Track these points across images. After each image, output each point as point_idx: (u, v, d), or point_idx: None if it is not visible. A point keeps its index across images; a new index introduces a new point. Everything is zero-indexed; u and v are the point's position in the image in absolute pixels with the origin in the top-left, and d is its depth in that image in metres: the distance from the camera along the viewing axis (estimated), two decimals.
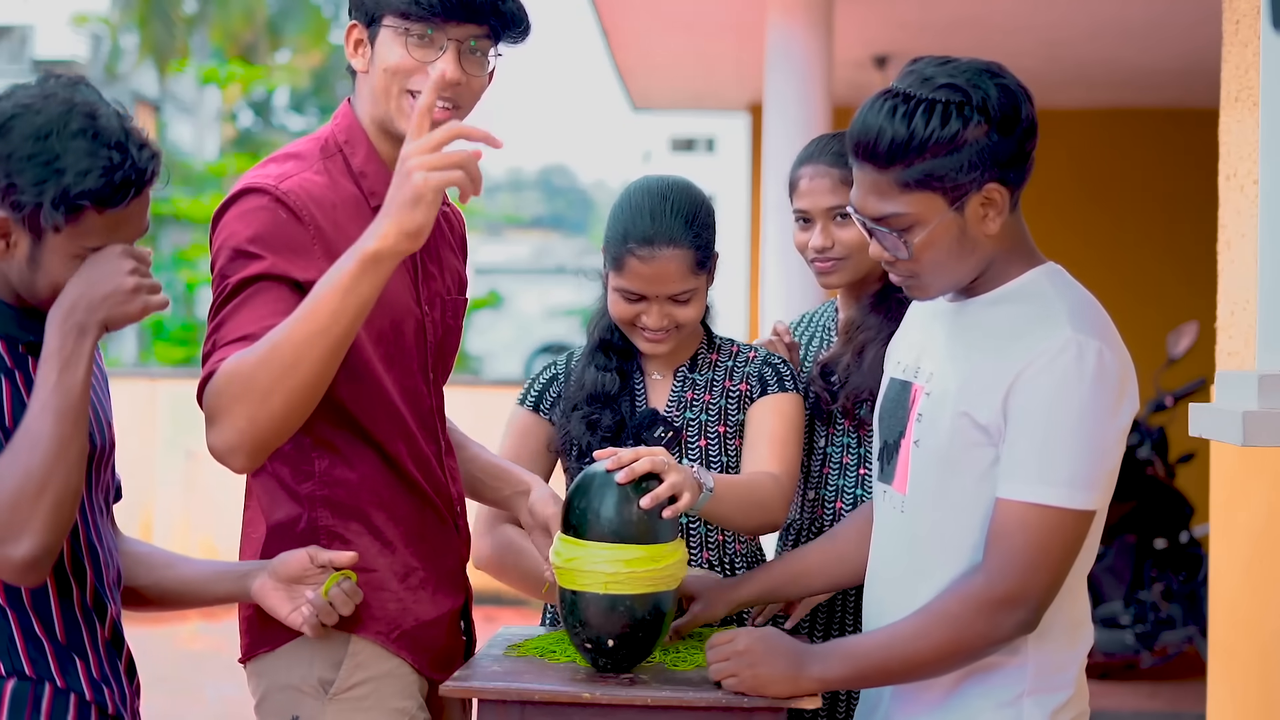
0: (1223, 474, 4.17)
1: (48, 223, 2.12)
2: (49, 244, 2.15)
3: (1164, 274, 9.97)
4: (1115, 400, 2.26)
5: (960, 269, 2.33)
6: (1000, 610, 2.24)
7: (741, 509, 2.72)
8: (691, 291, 2.85)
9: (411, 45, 2.48)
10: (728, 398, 2.93)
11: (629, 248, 2.81)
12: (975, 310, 2.38)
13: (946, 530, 2.34)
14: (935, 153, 2.24)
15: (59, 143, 2.11)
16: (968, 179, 2.25)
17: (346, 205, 2.51)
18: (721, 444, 2.91)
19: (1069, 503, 2.22)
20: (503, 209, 52.92)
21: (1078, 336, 2.25)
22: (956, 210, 2.27)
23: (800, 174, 3.08)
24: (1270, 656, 3.77)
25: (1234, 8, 3.73)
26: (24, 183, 2.10)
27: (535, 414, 2.99)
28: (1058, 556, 2.24)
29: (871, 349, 3.00)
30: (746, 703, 2.35)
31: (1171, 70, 9.02)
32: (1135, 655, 7.14)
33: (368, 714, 2.51)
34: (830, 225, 3.03)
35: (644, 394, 2.95)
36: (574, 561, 2.45)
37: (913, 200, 2.27)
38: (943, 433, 2.33)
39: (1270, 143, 3.37)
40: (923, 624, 2.28)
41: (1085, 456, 2.23)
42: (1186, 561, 7.22)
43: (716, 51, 9.20)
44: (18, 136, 2.11)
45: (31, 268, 2.16)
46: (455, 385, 2.89)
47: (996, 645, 2.27)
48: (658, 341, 2.88)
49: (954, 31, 8.20)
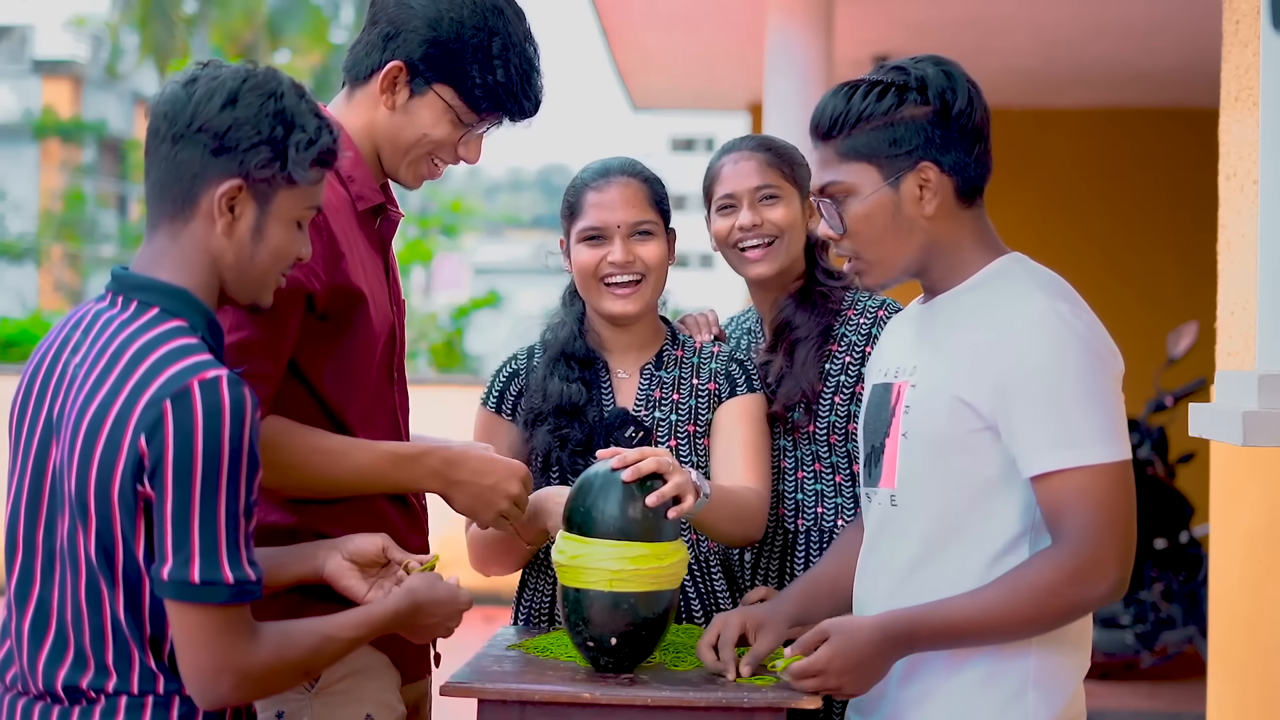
0: (1223, 474, 4.17)
1: (298, 176, 2.14)
2: (276, 209, 2.16)
3: (1164, 274, 9.96)
4: (1106, 353, 2.33)
5: (898, 250, 2.41)
6: (1092, 575, 2.27)
7: (730, 519, 2.75)
8: (651, 225, 2.88)
9: (455, 125, 2.57)
10: (697, 397, 2.93)
11: (583, 185, 2.91)
12: (946, 302, 2.44)
13: (941, 513, 2.37)
14: (871, 125, 2.37)
15: (290, 102, 2.15)
16: (902, 154, 2.37)
17: (340, 211, 2.54)
18: (691, 443, 2.91)
19: (1111, 457, 2.28)
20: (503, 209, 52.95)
21: (1053, 303, 2.32)
22: (891, 185, 2.38)
23: (722, 162, 3.06)
24: (1270, 656, 3.77)
25: (1234, 8, 3.73)
26: (268, 140, 2.12)
27: (498, 415, 2.97)
28: (1124, 511, 2.29)
29: (803, 348, 2.98)
30: (747, 702, 2.35)
31: (1172, 70, 9.02)
32: (1135, 655, 7.14)
33: (353, 707, 2.52)
34: (757, 204, 3.00)
35: (611, 394, 2.94)
36: (578, 559, 2.46)
37: (850, 170, 2.40)
38: (933, 419, 2.36)
39: (1270, 143, 3.37)
40: (1013, 597, 2.29)
41: (1102, 410, 2.29)
42: (1186, 561, 7.22)
43: (716, 51, 9.20)
44: (254, 98, 2.12)
45: (255, 239, 2.15)
46: (455, 385, 2.92)
47: (1090, 610, 2.32)
48: (626, 295, 2.87)
49: (954, 31, 8.20)
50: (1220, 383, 3.51)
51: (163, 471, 1.98)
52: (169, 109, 2.13)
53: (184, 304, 2.11)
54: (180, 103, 2.12)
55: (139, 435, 1.99)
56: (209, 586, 2.00)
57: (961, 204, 2.41)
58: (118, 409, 2.01)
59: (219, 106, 2.11)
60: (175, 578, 2.00)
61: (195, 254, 2.14)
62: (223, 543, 2.00)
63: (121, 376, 2.03)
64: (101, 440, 2.02)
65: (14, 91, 30.00)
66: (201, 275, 2.15)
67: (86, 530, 2.05)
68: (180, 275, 2.13)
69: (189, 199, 2.13)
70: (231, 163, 2.11)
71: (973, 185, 2.41)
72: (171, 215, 2.14)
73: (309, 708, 2.51)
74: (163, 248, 2.14)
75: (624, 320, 2.91)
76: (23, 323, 14.30)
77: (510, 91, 2.56)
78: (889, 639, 2.31)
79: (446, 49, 2.53)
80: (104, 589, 2.06)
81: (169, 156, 2.13)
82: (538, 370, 2.95)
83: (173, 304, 2.11)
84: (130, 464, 2.00)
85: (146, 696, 2.08)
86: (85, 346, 2.10)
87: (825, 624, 2.34)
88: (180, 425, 1.98)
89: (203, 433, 1.98)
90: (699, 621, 2.88)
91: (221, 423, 1.99)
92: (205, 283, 2.15)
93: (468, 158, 2.62)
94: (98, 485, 2.02)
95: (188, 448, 1.98)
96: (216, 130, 2.11)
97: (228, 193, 2.12)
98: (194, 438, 1.98)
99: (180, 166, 2.12)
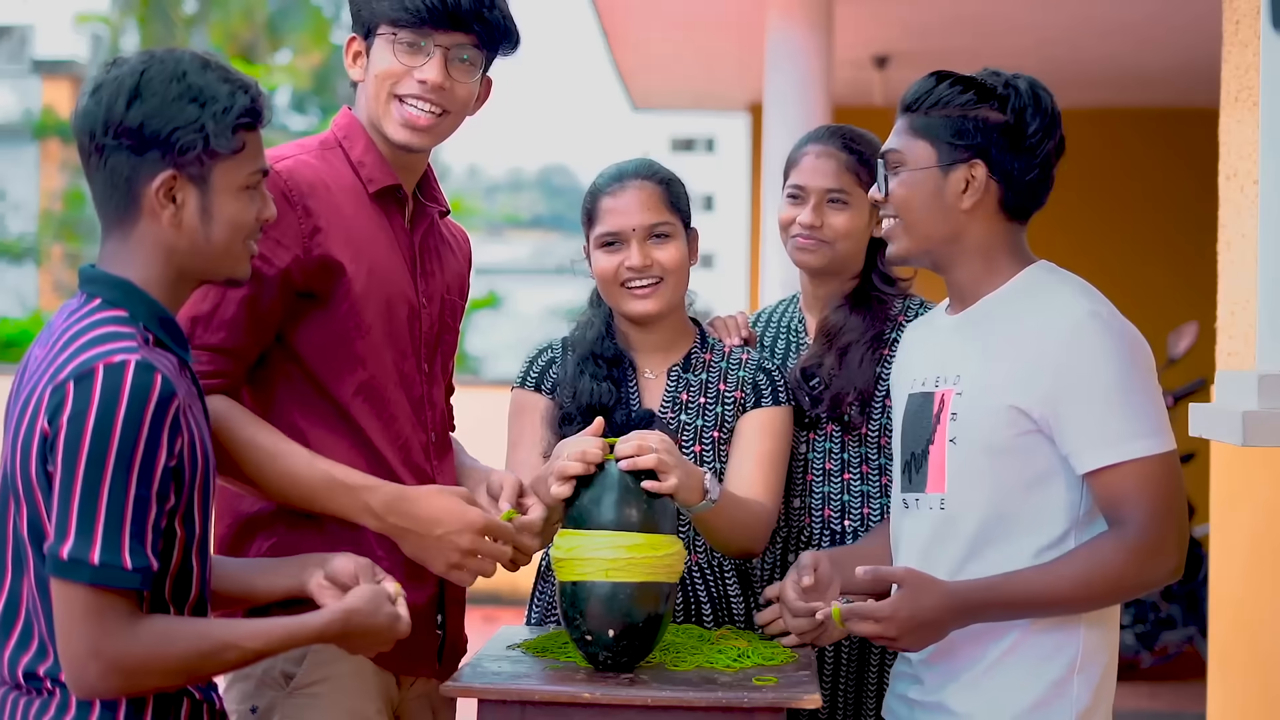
0: (1223, 474, 4.17)
1: (222, 148, 2.13)
2: (217, 184, 2.16)
3: (1163, 274, 9.96)
4: (1145, 351, 2.46)
5: (928, 227, 2.53)
6: (1155, 556, 2.40)
7: (732, 527, 2.75)
8: (669, 227, 2.87)
9: (400, 52, 2.59)
10: (723, 403, 2.92)
11: (599, 191, 2.90)
12: (983, 311, 2.54)
13: (990, 514, 2.46)
14: (945, 111, 2.51)
15: (196, 78, 2.14)
16: (961, 145, 2.50)
17: (344, 191, 2.60)
18: (715, 449, 2.90)
19: (1164, 447, 2.41)
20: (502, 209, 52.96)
21: (1092, 306, 2.45)
22: (941, 169, 2.51)
23: (805, 151, 3.07)
24: (1270, 656, 3.77)
25: (1234, 8, 3.73)
26: (183, 123, 2.12)
27: (538, 393, 2.96)
28: (1179, 496, 2.42)
29: (856, 350, 2.98)
30: (747, 702, 2.35)
31: (1171, 70, 9.02)
32: (1135, 655, 7.14)
33: (322, 713, 2.52)
34: (824, 206, 3.01)
35: (638, 395, 2.94)
36: (574, 550, 2.48)
37: (913, 144, 2.54)
38: (983, 426, 2.46)
39: (1270, 143, 3.37)
40: (1084, 575, 2.40)
41: (1149, 403, 2.42)
42: (1186, 561, 7.22)
43: (716, 51, 9.20)
44: (158, 86, 2.12)
45: (204, 219, 2.16)
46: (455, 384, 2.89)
47: (1152, 589, 2.46)
48: (644, 296, 2.86)
49: (954, 31, 8.20)
50: (1220, 383, 3.51)
51: (56, 449, 2.01)
52: (84, 123, 2.14)
53: (125, 294, 2.14)
54: (92, 114, 2.13)
55: (46, 415, 2.02)
56: (75, 564, 1.99)
57: (1004, 215, 2.53)
58: (39, 392, 2.05)
59: (125, 105, 2.11)
60: (51, 553, 2.01)
61: (147, 249, 2.16)
62: (100, 523, 1.99)
63: (49, 362, 2.07)
64: (24, 423, 2.06)
65: (14, 91, 30.03)
66: (154, 268, 2.16)
67: (19, 513, 2.08)
68: (129, 269, 2.15)
69: (130, 202, 2.15)
70: (157, 156, 2.12)
71: (1020, 203, 2.53)
72: (119, 220, 2.17)
73: (280, 705, 2.52)
74: (115, 248, 2.17)
75: (646, 320, 2.91)
76: (23, 323, 14.34)
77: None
78: (959, 604, 2.40)
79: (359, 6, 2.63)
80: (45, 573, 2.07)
81: (100, 167, 2.15)
82: (568, 366, 2.95)
83: (114, 294, 2.14)
84: (40, 444, 2.03)
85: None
86: (44, 339, 2.14)
87: (902, 571, 2.43)
88: (77, 405, 2.00)
89: (96, 412, 2.00)
90: (708, 625, 2.88)
91: (118, 405, 2.00)
92: (159, 275, 2.16)
93: (431, 77, 2.57)
94: (22, 467, 2.06)
95: (80, 426, 2.00)
96: (131, 129, 2.11)
97: (163, 186, 2.13)
98: (87, 417, 1.99)
99: (113, 174, 2.14)
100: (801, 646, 2.64)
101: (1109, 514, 2.42)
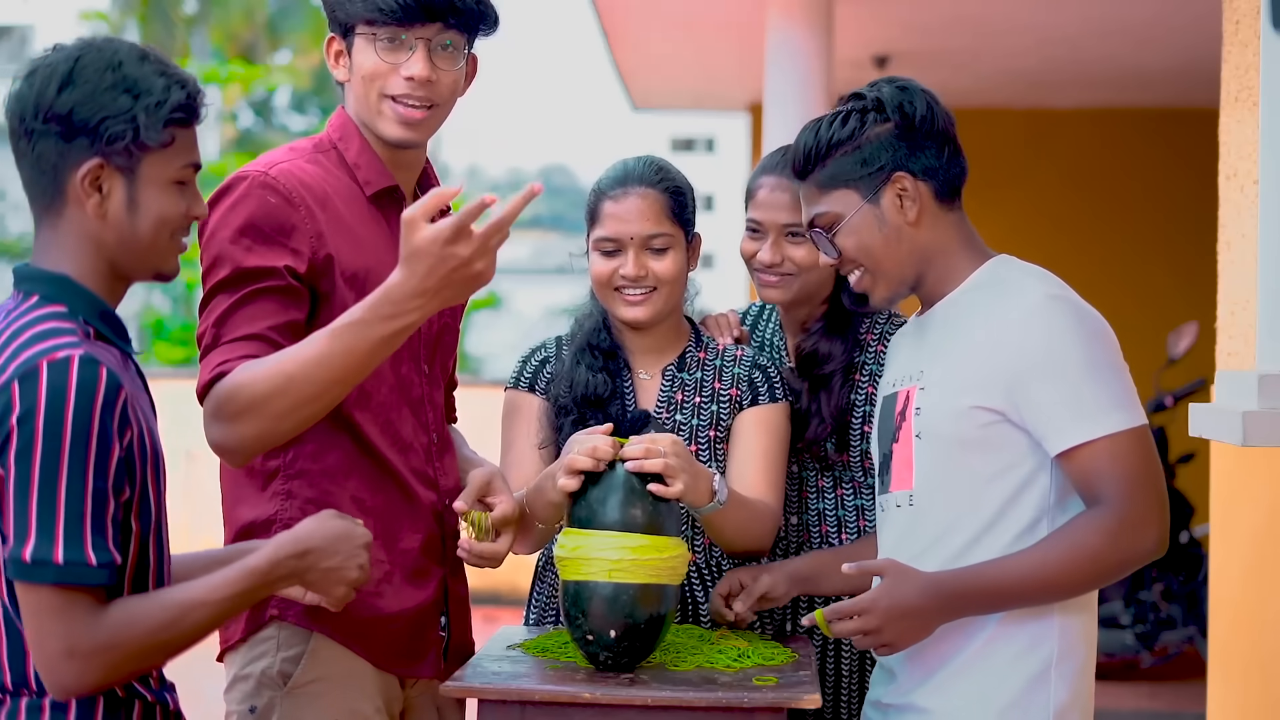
0: (1223, 474, 4.17)
1: (151, 140, 2.11)
2: (145, 176, 2.13)
3: (1163, 274, 9.96)
4: (1106, 330, 2.45)
5: (895, 259, 2.53)
6: (1136, 532, 2.38)
7: (740, 528, 2.75)
8: (667, 239, 2.85)
9: (382, 49, 2.59)
10: (719, 402, 2.91)
11: (601, 194, 2.88)
12: (943, 310, 2.55)
13: (960, 506, 2.46)
14: (841, 152, 2.52)
15: (131, 69, 2.12)
16: (874, 171, 2.50)
17: (341, 195, 2.60)
18: (711, 448, 2.90)
19: (1135, 422, 2.40)
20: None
21: (1049, 289, 2.45)
22: (871, 202, 2.51)
23: (760, 183, 3.00)
24: (1270, 656, 3.77)
25: (1234, 8, 3.73)
26: (113, 113, 2.10)
27: (531, 393, 2.95)
28: (1154, 470, 2.41)
29: (829, 383, 2.96)
30: (747, 702, 2.35)
31: (1171, 70, 9.02)
32: (1135, 655, 7.14)
33: (320, 713, 2.52)
34: (782, 241, 2.95)
35: (633, 395, 2.94)
36: (578, 550, 2.48)
37: (831, 199, 2.54)
38: (946, 419, 2.46)
39: (1270, 143, 3.37)
40: (1065, 557, 2.38)
41: (1113, 380, 2.41)
42: (1186, 561, 7.22)
43: (716, 51, 9.20)
44: (91, 74, 2.10)
45: (131, 211, 2.13)
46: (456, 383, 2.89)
47: (1137, 565, 2.42)
48: (637, 303, 2.85)
49: (953, 31, 8.20)
50: (1220, 383, 3.51)
51: (8, 450, 1.98)
52: (15, 106, 2.12)
53: (61, 289, 2.12)
54: (24, 97, 2.11)
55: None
56: (39, 565, 1.97)
57: (943, 207, 2.54)
58: None
59: (56, 91, 2.09)
60: (12, 556, 1.99)
61: (75, 240, 2.14)
62: (60, 522, 1.97)
63: None
64: None
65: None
66: (86, 261, 2.15)
67: None
68: (62, 263, 2.14)
69: (57, 189, 2.13)
70: (85, 143, 2.10)
71: (950, 186, 2.54)
72: (46, 208, 2.15)
73: (279, 705, 2.52)
74: (47, 240, 2.16)
75: (637, 326, 2.90)
76: None
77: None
78: (940, 592, 2.40)
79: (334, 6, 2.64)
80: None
81: (28, 153, 2.13)
82: (564, 360, 2.95)
83: (51, 290, 2.12)
84: None
85: (44, 697, 2.05)
86: None
87: (883, 563, 2.44)
88: (25, 404, 1.98)
89: (44, 411, 1.98)
90: (707, 625, 2.88)
91: (65, 402, 1.98)
92: (91, 268, 2.15)
93: (417, 73, 2.57)
94: None
95: (30, 426, 1.97)
96: (60, 115, 2.09)
97: (89, 174, 2.11)
98: (36, 416, 1.97)
99: (40, 160, 2.12)
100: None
101: (1085, 494, 2.40)
